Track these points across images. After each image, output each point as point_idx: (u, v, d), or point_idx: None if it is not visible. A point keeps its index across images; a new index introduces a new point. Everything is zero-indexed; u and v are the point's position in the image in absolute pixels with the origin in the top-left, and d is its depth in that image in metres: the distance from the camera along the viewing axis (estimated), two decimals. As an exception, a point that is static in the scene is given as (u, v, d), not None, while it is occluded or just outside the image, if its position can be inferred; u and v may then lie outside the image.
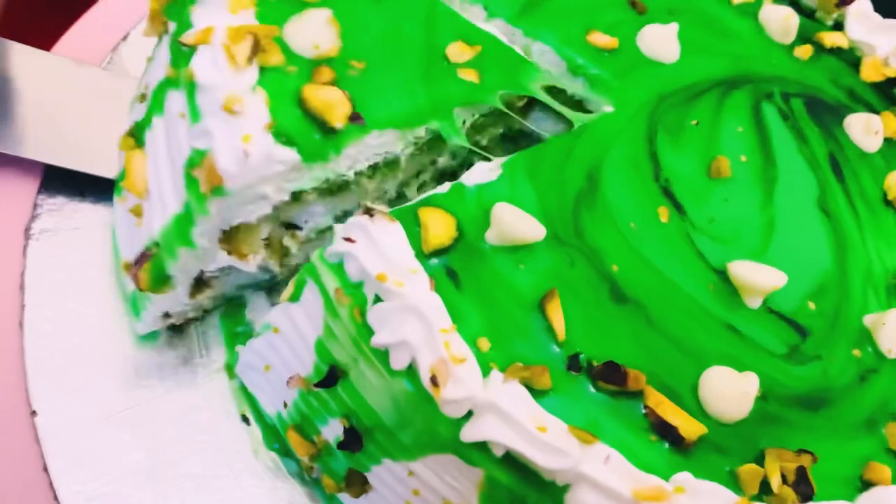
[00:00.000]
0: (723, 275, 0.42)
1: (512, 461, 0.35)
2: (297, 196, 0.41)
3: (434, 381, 0.34)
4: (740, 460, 0.37)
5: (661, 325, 0.40)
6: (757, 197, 0.46)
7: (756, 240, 0.45)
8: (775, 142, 0.49)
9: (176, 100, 0.41)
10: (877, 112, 0.52)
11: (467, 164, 0.52)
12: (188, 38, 0.40)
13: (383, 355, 0.35)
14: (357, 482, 0.41)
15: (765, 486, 0.38)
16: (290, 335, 0.40)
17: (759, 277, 0.42)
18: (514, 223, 0.39)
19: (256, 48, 0.39)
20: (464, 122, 0.45)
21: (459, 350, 0.35)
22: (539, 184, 0.42)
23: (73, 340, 0.45)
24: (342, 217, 0.46)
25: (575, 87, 0.48)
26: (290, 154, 0.39)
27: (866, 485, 0.39)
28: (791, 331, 0.42)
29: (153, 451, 0.44)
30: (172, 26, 0.44)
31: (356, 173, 0.42)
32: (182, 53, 0.41)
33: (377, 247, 0.35)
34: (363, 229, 0.36)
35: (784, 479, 0.37)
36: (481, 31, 0.46)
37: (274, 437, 0.45)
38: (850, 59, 0.54)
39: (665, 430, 0.37)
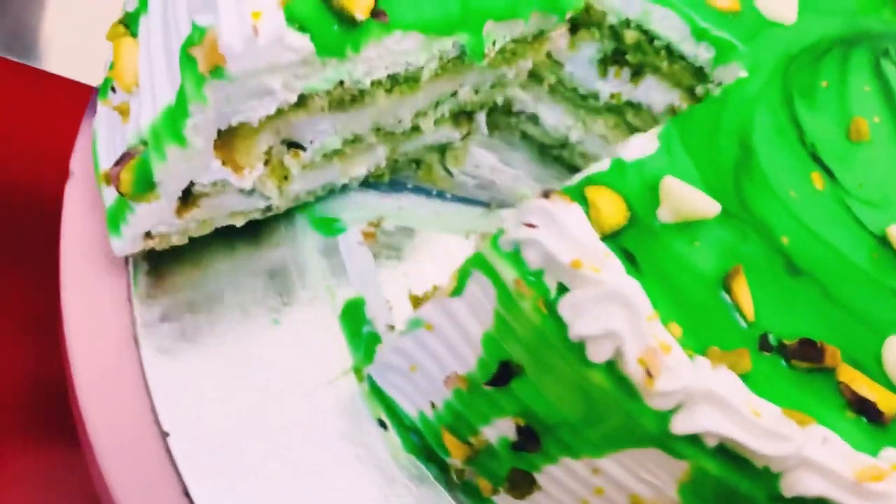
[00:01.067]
0: (883, 240, 0.41)
1: (723, 450, 0.33)
2: (304, 100, 0.38)
3: (648, 375, 0.31)
4: (938, 432, 0.36)
5: (837, 296, 0.38)
6: (896, 158, 0.45)
7: (909, 196, 0.43)
8: (903, 95, 0.48)
9: None
10: None
11: (486, 105, 0.50)
12: None
13: (577, 348, 0.33)
14: (523, 483, 0.39)
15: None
16: (447, 332, 0.38)
17: (922, 239, 0.40)
18: (687, 198, 0.36)
19: None
20: (493, 43, 0.42)
21: (664, 338, 0.32)
22: (695, 154, 0.39)
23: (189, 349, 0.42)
24: (352, 141, 0.43)
25: (699, 53, 0.46)
26: (304, 41, 0.35)
27: None
28: (961, 294, 0.41)
29: (288, 461, 0.41)
30: None
31: (372, 83, 0.39)
32: None
33: (563, 231, 0.33)
34: (545, 213, 0.33)
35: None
36: None
37: (415, 440, 0.43)
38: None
39: (862, 406, 0.35)
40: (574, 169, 0.56)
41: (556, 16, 0.43)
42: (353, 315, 0.45)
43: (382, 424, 0.43)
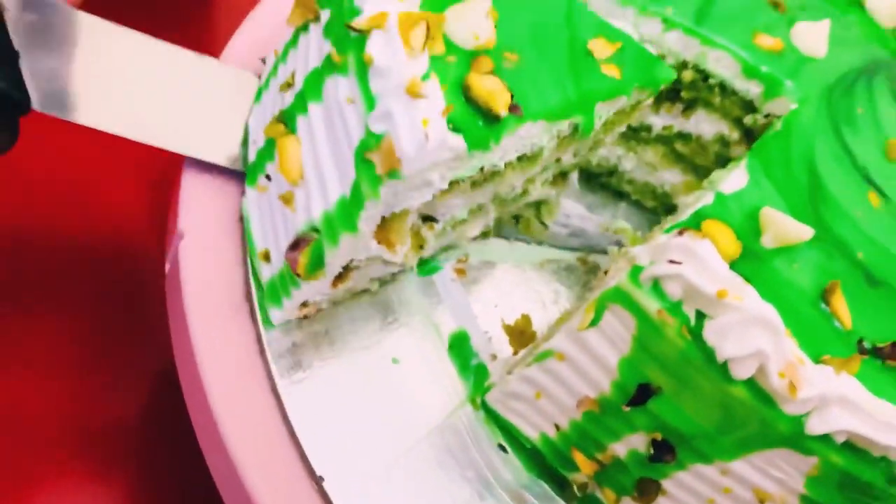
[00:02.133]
0: (938, 249, 0.47)
1: (848, 445, 0.38)
2: (452, 185, 0.42)
3: (791, 387, 0.36)
4: None
5: (911, 302, 0.44)
6: (930, 171, 0.51)
7: (946, 210, 0.49)
8: (923, 112, 0.54)
9: (341, 85, 0.41)
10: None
11: (581, 167, 0.55)
12: (359, 23, 0.40)
13: (721, 368, 0.37)
14: (650, 490, 0.43)
15: None
16: (580, 360, 0.41)
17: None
18: (788, 226, 0.41)
19: (427, 35, 0.40)
20: (600, 117, 0.47)
21: (798, 353, 0.37)
22: (777, 184, 0.44)
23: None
24: (476, 210, 0.48)
25: (749, 88, 0.52)
26: (459, 140, 0.39)
27: None
28: None
29: (423, 493, 0.44)
30: (325, 14, 0.44)
31: (506, 164, 0.44)
32: (349, 39, 0.40)
33: (703, 264, 0.37)
34: (684, 249, 0.37)
35: None
36: (618, 30, 0.48)
37: (536, 461, 0.46)
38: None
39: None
40: (619, 195, 0.62)
41: (651, 88, 0.47)
42: (461, 348, 0.48)
43: (503, 448, 0.46)
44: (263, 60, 0.50)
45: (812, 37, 0.53)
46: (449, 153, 0.38)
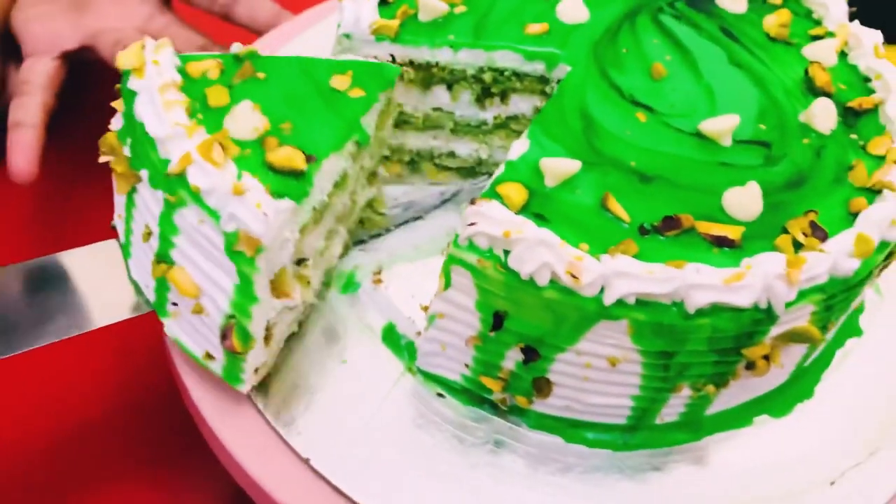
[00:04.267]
0: (699, 135, 0.60)
1: (640, 303, 0.51)
2: (302, 230, 0.57)
3: (573, 277, 0.50)
4: (773, 237, 0.54)
5: (680, 182, 0.57)
6: (690, 78, 0.64)
7: (706, 104, 0.62)
8: (681, 37, 0.67)
9: (186, 215, 0.54)
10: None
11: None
12: (174, 168, 0.53)
13: (531, 282, 0.51)
14: (543, 386, 0.57)
15: (796, 246, 0.55)
16: (453, 313, 0.56)
17: (721, 124, 0.59)
18: (558, 166, 0.55)
19: (223, 149, 0.54)
20: (369, 126, 0.61)
21: (575, 253, 0.51)
22: (555, 137, 0.58)
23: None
24: (330, 235, 0.63)
25: (535, 68, 0.66)
26: (287, 203, 0.53)
27: (855, 215, 0.57)
28: (759, 147, 0.60)
29: (396, 443, 0.59)
30: (144, 173, 0.56)
31: (328, 195, 0.59)
32: (173, 181, 0.53)
33: (492, 219, 0.51)
34: (477, 212, 0.52)
35: (804, 235, 0.55)
36: (342, 62, 0.62)
37: (466, 395, 0.61)
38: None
39: (719, 240, 0.53)
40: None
41: (389, 86, 0.63)
42: (391, 335, 0.63)
43: (441, 395, 0.61)
44: (114, 227, 0.64)
45: (571, 8, 0.67)
46: (286, 214, 0.53)
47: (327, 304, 0.65)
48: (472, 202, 0.53)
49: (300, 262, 0.60)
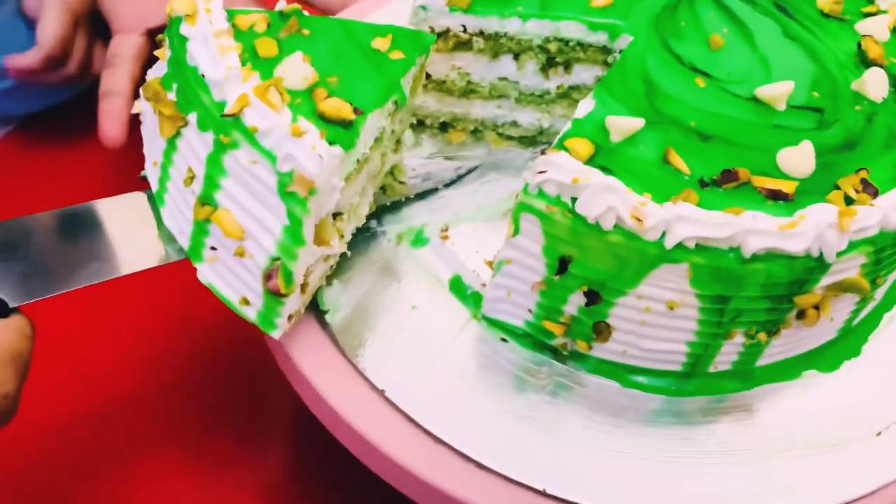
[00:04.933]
0: (755, 99, 0.63)
1: (700, 247, 0.55)
2: (346, 179, 0.59)
3: (637, 220, 0.53)
4: (825, 193, 0.58)
5: (736, 140, 0.60)
6: (746, 49, 0.68)
7: (761, 73, 0.66)
8: (737, 11, 0.71)
9: (239, 156, 0.56)
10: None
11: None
12: (231, 109, 0.55)
13: (596, 226, 0.55)
14: (603, 330, 0.61)
15: (847, 201, 0.58)
16: (520, 258, 0.60)
17: (776, 90, 0.63)
18: (623, 123, 0.59)
19: (279, 93, 0.57)
20: (406, 86, 0.64)
21: (640, 199, 0.54)
22: (619, 98, 0.62)
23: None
24: (361, 193, 0.65)
25: (599, 39, 0.70)
26: (338, 150, 0.56)
27: (904, 179, 0.60)
28: (812, 113, 0.63)
29: (459, 381, 0.63)
30: (193, 116, 0.58)
31: (370, 148, 0.62)
32: (227, 123, 0.56)
33: (560, 167, 0.55)
34: (547, 162, 0.56)
35: (856, 191, 0.58)
36: (384, 26, 0.65)
37: (528, 340, 0.64)
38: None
39: (773, 194, 0.57)
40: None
41: (425, 52, 0.66)
42: (457, 286, 0.67)
43: (504, 340, 0.65)
44: (143, 177, 0.66)
45: (633, -20, 0.71)
46: (337, 160, 0.56)
47: (398, 257, 0.69)
48: (542, 153, 0.57)
49: (336, 216, 0.63)
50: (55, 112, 1.01)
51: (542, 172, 0.56)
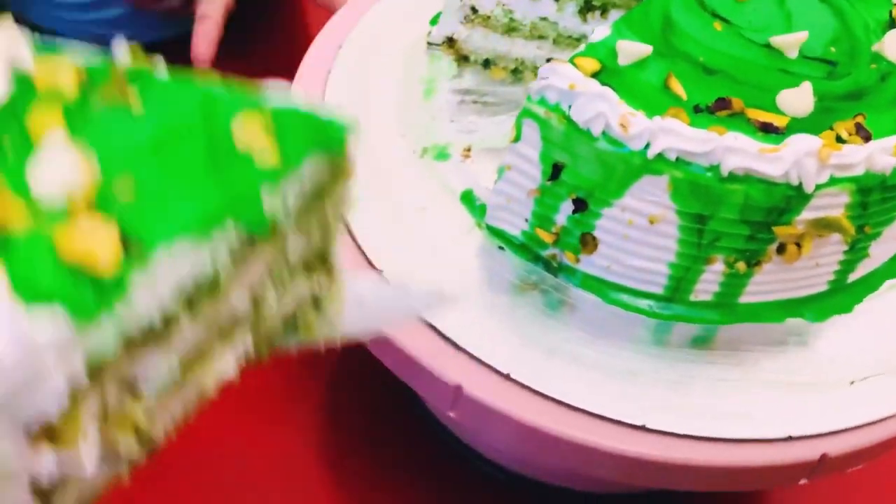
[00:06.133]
0: (768, 46, 0.65)
1: (681, 161, 0.58)
2: (98, 368, 0.32)
3: (623, 127, 0.57)
4: (818, 132, 0.59)
5: (740, 77, 0.63)
6: (773, 4, 0.70)
7: (781, 25, 0.68)
8: (771, -30, 0.73)
9: None
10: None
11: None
12: None
13: (587, 132, 0.59)
14: (589, 242, 0.64)
15: (839, 140, 0.60)
16: (519, 164, 0.64)
17: (790, 38, 0.65)
18: (632, 48, 0.62)
19: None
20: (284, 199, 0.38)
21: (629, 110, 0.58)
22: (634, 29, 0.66)
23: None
24: (188, 364, 0.38)
25: (623, -16, 0.74)
26: (53, 323, 0.29)
27: (907, 125, 0.61)
28: (824, 65, 0.65)
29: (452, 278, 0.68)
30: None
31: (171, 310, 0.34)
32: None
33: (562, 75, 0.60)
34: (551, 70, 0.60)
35: (848, 133, 0.59)
36: (273, 107, 0.38)
37: (523, 250, 0.69)
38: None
39: (766, 127, 0.59)
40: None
41: (335, 150, 0.39)
42: (468, 197, 0.72)
43: (501, 248, 0.69)
44: None
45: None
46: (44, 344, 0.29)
47: (418, 166, 0.75)
48: (548, 60, 0.61)
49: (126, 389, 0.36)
50: (159, 47, 1.12)
51: (544, 79, 0.61)
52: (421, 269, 0.67)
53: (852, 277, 0.67)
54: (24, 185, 0.33)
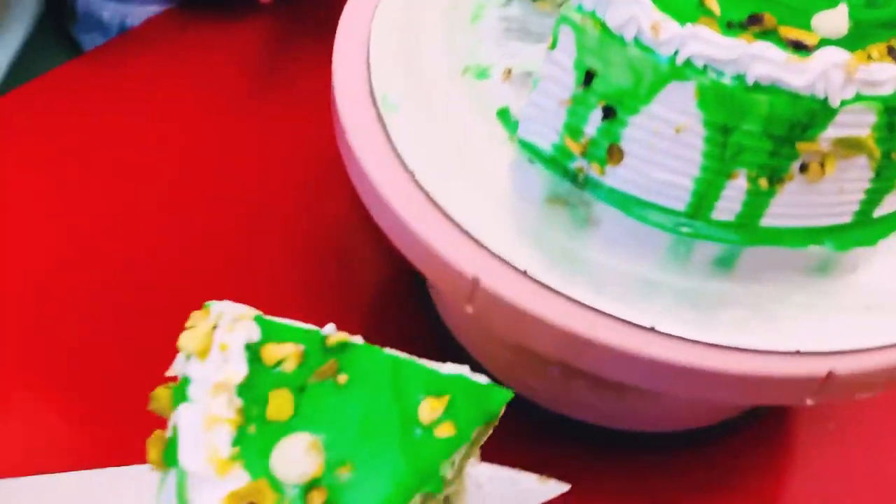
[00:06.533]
0: (809, -25, 0.67)
1: (707, 68, 0.59)
2: None
3: (654, 31, 0.59)
4: (850, 51, 0.60)
5: (781, 1, 0.64)
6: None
7: (826, -42, 0.69)
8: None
9: None
10: None
11: None
12: None
13: (619, 38, 0.61)
14: (615, 152, 0.66)
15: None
16: (554, 73, 0.66)
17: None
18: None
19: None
20: (453, 465, 0.46)
21: (662, 16, 0.60)
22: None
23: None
24: None
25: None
26: None
27: (940, 56, 0.61)
28: (864, -4, 0.66)
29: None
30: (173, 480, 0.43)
31: None
32: None
33: (598, -18, 0.62)
34: (586, -23, 0.62)
35: (879, 54, 0.60)
36: (445, 376, 0.46)
37: (552, 164, 0.71)
38: None
39: (797, 45, 0.60)
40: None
41: (489, 419, 0.47)
42: (504, 113, 0.75)
43: (531, 160, 0.71)
44: None
45: None
46: None
47: (458, 83, 0.77)
48: (588, -27, 0.64)
49: None
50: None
51: (581, -14, 0.63)
52: (452, 174, 0.70)
53: (878, 212, 0.67)
54: (268, 469, 0.41)
